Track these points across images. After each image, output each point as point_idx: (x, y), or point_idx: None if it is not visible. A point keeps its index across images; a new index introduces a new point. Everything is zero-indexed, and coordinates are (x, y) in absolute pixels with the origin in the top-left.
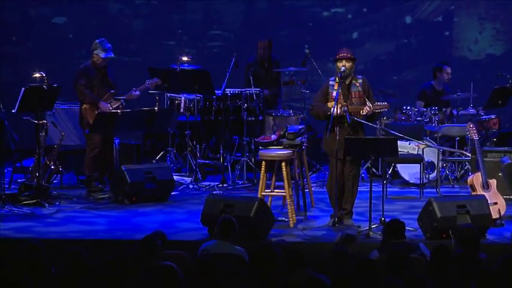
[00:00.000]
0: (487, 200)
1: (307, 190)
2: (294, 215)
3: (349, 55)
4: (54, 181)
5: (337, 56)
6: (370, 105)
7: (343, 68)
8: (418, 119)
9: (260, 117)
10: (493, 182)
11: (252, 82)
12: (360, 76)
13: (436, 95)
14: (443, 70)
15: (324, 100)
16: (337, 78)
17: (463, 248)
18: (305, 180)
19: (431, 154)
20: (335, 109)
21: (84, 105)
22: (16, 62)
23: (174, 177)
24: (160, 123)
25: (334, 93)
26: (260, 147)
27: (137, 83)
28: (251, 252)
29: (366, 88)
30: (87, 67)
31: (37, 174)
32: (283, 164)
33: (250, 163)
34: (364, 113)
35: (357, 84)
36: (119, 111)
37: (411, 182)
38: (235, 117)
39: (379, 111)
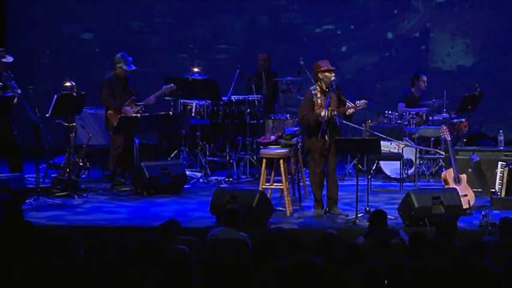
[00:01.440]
0: (458, 193)
1: (302, 184)
2: (290, 205)
3: (333, 67)
4: (83, 176)
5: (326, 68)
6: (353, 104)
7: (333, 78)
8: (398, 121)
9: (261, 121)
10: (463, 177)
11: (253, 90)
12: (333, 82)
13: (414, 100)
14: (420, 78)
15: (311, 109)
16: (321, 87)
17: (442, 235)
18: (300, 175)
19: (409, 152)
20: (325, 114)
21: (109, 111)
22: (50, 72)
23: (187, 172)
24: (174, 125)
25: (319, 101)
26: (261, 147)
27: (154, 91)
28: (254, 238)
29: (340, 92)
30: (110, 78)
31: (68, 170)
32: (281, 161)
33: (252, 160)
34: (351, 112)
35: (333, 88)
36: (139, 115)
37: (392, 176)
38: (239, 121)
39: (362, 107)
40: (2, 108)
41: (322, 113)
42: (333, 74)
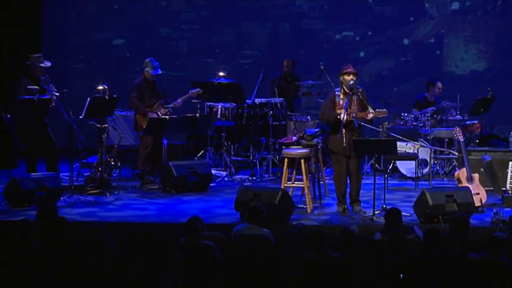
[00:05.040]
0: (471, 191)
1: (322, 182)
2: (311, 203)
3: (355, 71)
4: (114, 174)
5: (345, 71)
6: (373, 110)
7: (351, 81)
8: (414, 123)
9: (283, 122)
10: (476, 176)
11: (276, 93)
12: (358, 86)
13: (429, 105)
14: (435, 85)
15: (332, 108)
16: (344, 89)
17: (455, 232)
18: (320, 174)
19: (424, 153)
20: (345, 116)
21: (137, 114)
22: (83, 76)
23: (212, 171)
24: (201, 127)
25: (341, 102)
26: (283, 147)
27: (182, 94)
28: (276, 234)
29: (364, 96)
30: (139, 82)
31: (100, 169)
32: (302, 160)
33: (275, 160)
34: (369, 117)
35: (358, 93)
36: (167, 117)
37: (408, 175)
38: (262, 122)
39: (381, 116)
40: (39, 110)
41: (341, 114)
42: (351, 77)
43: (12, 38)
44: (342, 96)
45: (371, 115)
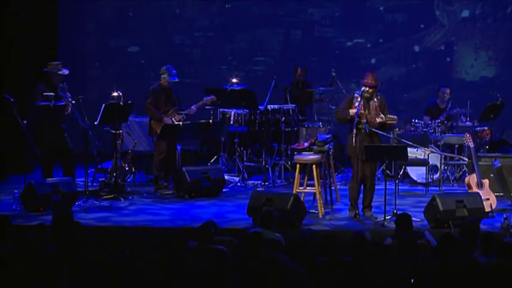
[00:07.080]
0: (481, 196)
1: (334, 187)
2: (322, 208)
3: (372, 83)
4: (128, 180)
5: (362, 81)
6: (383, 116)
7: (367, 93)
8: (424, 130)
9: (295, 128)
10: (486, 182)
11: (288, 100)
12: (379, 94)
13: (439, 111)
14: (440, 91)
15: (348, 107)
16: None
17: (465, 237)
18: (332, 179)
19: (435, 158)
20: (356, 117)
21: (153, 120)
22: (98, 83)
23: (225, 176)
24: (214, 132)
25: (356, 103)
26: (295, 153)
27: (196, 100)
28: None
29: (383, 104)
30: (155, 88)
31: (114, 174)
32: (314, 166)
33: (287, 165)
34: (378, 121)
35: (375, 100)
36: (181, 123)
37: (418, 181)
38: (275, 128)
39: (389, 122)
40: (55, 116)
41: (351, 112)
42: (367, 89)
43: (29, 44)
44: (359, 99)
45: (379, 119)
